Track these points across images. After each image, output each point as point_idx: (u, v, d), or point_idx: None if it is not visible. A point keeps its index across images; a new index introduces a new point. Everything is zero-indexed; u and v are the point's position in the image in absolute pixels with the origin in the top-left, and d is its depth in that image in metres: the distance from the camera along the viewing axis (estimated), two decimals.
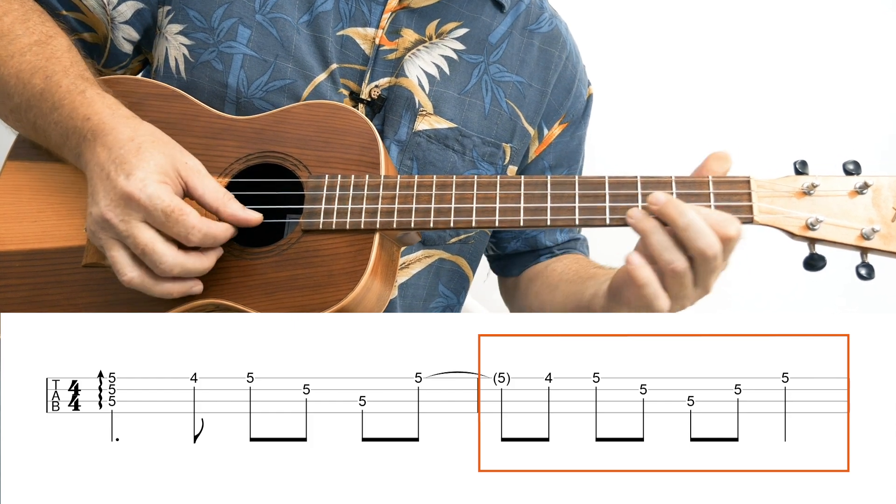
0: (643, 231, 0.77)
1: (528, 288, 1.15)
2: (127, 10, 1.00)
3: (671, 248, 0.76)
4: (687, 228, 0.75)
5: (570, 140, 1.15)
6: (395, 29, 1.01)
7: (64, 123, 0.84)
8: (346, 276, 0.81)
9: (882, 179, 0.77)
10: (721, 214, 0.76)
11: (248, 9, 0.98)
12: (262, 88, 0.97)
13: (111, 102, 0.85)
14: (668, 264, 0.75)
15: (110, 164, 0.78)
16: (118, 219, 0.77)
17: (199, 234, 0.78)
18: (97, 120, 0.82)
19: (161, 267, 0.78)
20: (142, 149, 0.79)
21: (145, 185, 0.77)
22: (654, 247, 0.76)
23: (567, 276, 1.07)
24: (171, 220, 0.77)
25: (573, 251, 1.18)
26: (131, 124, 0.82)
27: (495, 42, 1.06)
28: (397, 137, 1.00)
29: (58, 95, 0.85)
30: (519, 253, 1.18)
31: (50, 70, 0.87)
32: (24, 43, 0.89)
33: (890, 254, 0.77)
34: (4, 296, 0.86)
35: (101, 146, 0.80)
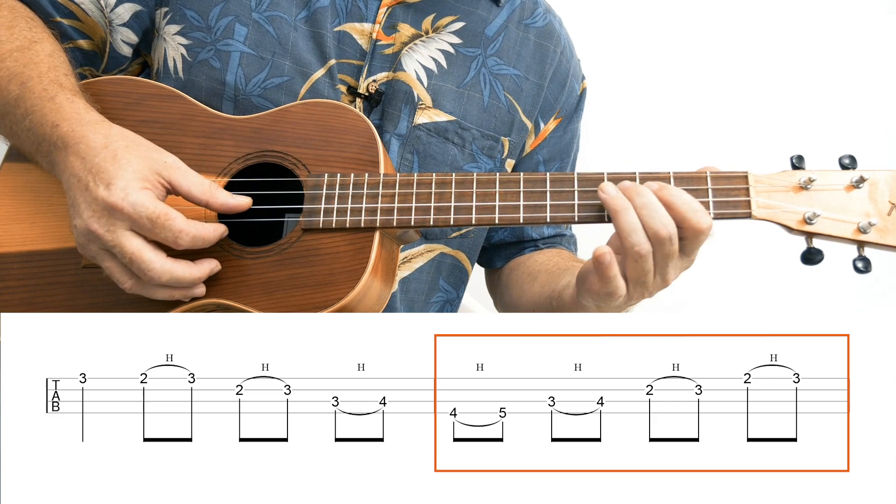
0: (614, 209, 0.78)
1: (510, 277, 1.15)
2: (125, 12, 0.99)
3: (638, 230, 0.76)
4: (643, 207, 0.76)
5: (563, 135, 1.16)
6: (391, 24, 1.02)
7: (35, 130, 0.83)
8: (347, 274, 0.81)
9: (878, 174, 0.78)
10: (692, 203, 0.77)
11: (245, 7, 0.98)
12: (259, 86, 0.97)
13: (80, 108, 0.84)
14: (633, 247, 0.76)
15: (87, 175, 0.77)
16: (104, 229, 0.76)
17: (187, 238, 0.77)
18: (66, 128, 0.81)
19: (149, 275, 0.77)
20: (118, 155, 0.78)
21: (127, 193, 0.76)
22: (622, 226, 0.77)
23: (547, 266, 1.08)
24: (157, 227, 0.76)
25: (558, 246, 1.19)
26: (101, 130, 0.81)
27: (492, 35, 1.07)
28: (397, 131, 1.00)
29: (30, 102, 0.84)
30: (504, 244, 1.18)
31: (26, 76, 0.86)
32: (5, 49, 0.88)
33: (886, 247, 0.77)
34: (4, 297, 0.86)
35: (74, 155, 0.79)
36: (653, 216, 0.76)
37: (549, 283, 1.02)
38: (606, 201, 0.79)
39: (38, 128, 0.83)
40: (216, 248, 0.84)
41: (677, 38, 1.78)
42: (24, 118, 0.84)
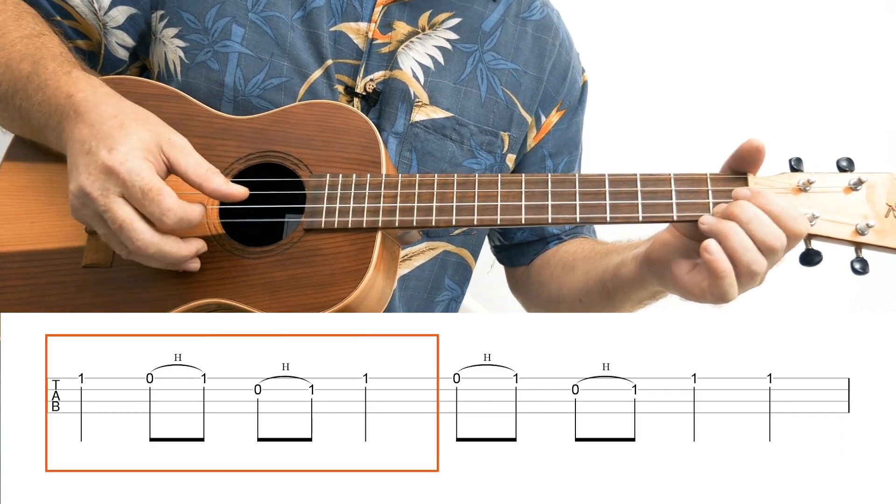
0: (721, 233, 0.76)
1: (542, 273, 1.15)
2: (119, 15, 0.99)
3: (751, 248, 0.75)
4: (750, 221, 0.75)
5: (568, 127, 1.15)
6: (387, 22, 1.01)
7: (47, 103, 0.83)
8: (349, 274, 0.81)
9: (875, 176, 0.79)
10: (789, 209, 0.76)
11: (241, 7, 0.98)
12: (259, 87, 0.96)
13: (96, 82, 0.84)
14: (750, 265, 0.75)
15: (92, 139, 0.77)
16: (98, 192, 0.76)
17: (173, 217, 0.76)
18: (80, 97, 0.81)
19: (136, 244, 0.77)
20: (125, 125, 0.78)
21: (127, 159, 0.76)
22: (734, 247, 0.75)
23: (582, 254, 1.07)
24: (147, 199, 0.76)
25: (580, 235, 1.18)
26: (114, 101, 0.81)
27: (489, 30, 1.06)
28: (395, 130, 1.00)
29: (44, 76, 0.84)
30: (527, 242, 1.18)
31: (38, 56, 0.86)
32: (14, 36, 0.89)
33: (884, 249, 0.78)
34: (4, 297, 0.86)
35: (83, 123, 0.79)
36: (762, 230, 0.75)
37: (594, 268, 1.01)
38: (711, 228, 0.77)
39: (52, 99, 0.82)
40: (217, 248, 0.84)
41: (675, 39, 1.77)
42: (37, 92, 0.84)
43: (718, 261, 0.75)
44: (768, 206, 0.76)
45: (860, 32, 1.72)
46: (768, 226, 0.75)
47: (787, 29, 1.74)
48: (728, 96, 1.75)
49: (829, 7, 1.74)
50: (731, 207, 0.77)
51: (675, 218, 0.80)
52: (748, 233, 0.75)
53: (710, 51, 1.76)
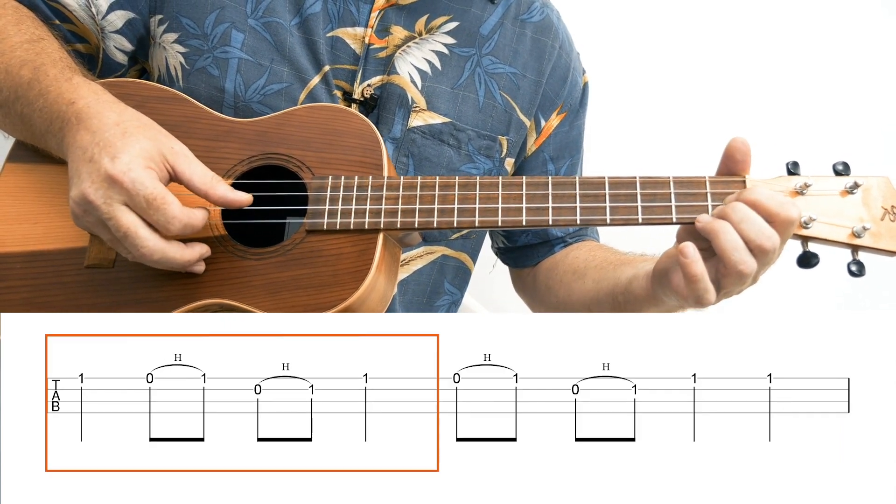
0: (713, 231, 0.77)
1: (550, 277, 1.14)
2: (117, 19, 0.99)
3: (742, 248, 0.76)
4: (742, 221, 0.76)
5: (569, 130, 1.15)
6: (384, 27, 1.01)
7: (49, 109, 0.83)
8: (351, 275, 0.81)
9: (871, 180, 0.80)
10: (775, 196, 0.76)
11: (240, 13, 0.98)
12: (259, 92, 0.97)
13: (97, 88, 0.84)
14: (736, 265, 0.75)
15: (94, 147, 0.78)
16: (101, 200, 0.76)
17: (178, 224, 0.77)
18: (82, 104, 0.81)
19: (141, 251, 0.77)
20: (127, 133, 0.79)
21: (130, 168, 0.76)
22: (723, 246, 0.76)
23: (594, 262, 1.07)
24: (152, 208, 0.76)
25: (584, 238, 1.18)
26: (116, 109, 0.82)
27: (487, 34, 1.06)
28: (392, 135, 1.00)
29: (45, 83, 0.84)
30: (530, 245, 1.18)
31: (39, 62, 0.86)
32: (14, 41, 0.89)
33: (880, 251, 0.79)
34: (6, 297, 0.86)
35: (85, 130, 0.79)
36: (753, 229, 0.75)
37: (605, 278, 1.01)
38: (705, 227, 0.78)
39: (53, 105, 0.83)
40: (219, 249, 0.85)
41: (674, 41, 1.78)
42: (39, 98, 0.84)
43: (692, 263, 0.76)
44: (756, 198, 0.76)
45: (859, 35, 1.72)
46: (760, 226, 0.76)
47: (786, 32, 1.74)
48: (728, 98, 1.75)
49: (827, 9, 1.74)
50: (724, 208, 0.78)
51: (674, 220, 0.81)
52: (739, 232, 0.76)
53: (710, 52, 1.76)
